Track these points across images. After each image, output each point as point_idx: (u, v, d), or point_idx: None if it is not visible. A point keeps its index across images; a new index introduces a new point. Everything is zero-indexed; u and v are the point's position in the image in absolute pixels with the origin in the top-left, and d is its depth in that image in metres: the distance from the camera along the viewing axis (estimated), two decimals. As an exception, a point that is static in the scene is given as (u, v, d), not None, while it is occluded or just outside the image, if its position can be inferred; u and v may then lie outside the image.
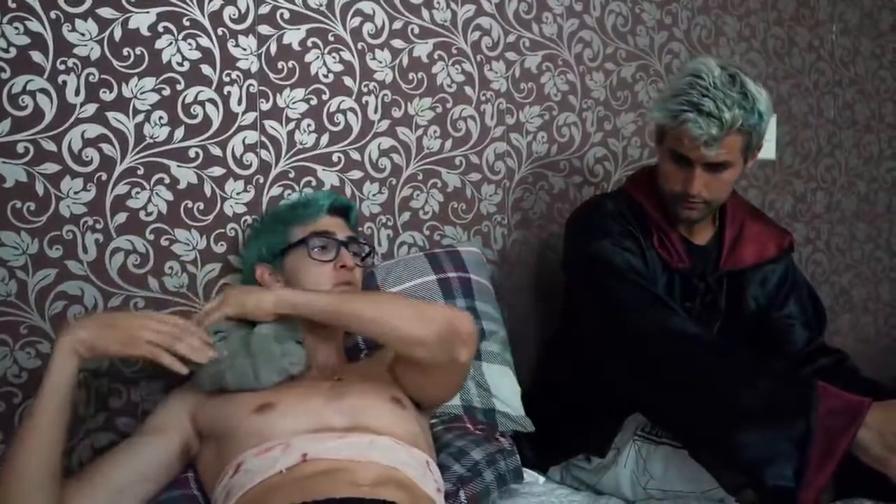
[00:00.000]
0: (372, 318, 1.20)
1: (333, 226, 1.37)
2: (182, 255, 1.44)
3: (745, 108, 1.37)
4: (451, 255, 1.62)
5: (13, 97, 1.29)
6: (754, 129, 1.40)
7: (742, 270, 1.56)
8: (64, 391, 1.09)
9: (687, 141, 1.39)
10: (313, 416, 1.15)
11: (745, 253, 1.56)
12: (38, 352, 1.33)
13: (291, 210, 1.39)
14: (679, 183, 1.45)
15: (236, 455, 1.12)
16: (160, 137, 1.41)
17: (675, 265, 1.52)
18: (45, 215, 1.33)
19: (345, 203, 1.43)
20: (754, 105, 1.38)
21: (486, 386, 1.48)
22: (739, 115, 1.36)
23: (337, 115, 1.58)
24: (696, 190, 1.42)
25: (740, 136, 1.39)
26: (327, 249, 1.33)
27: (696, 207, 1.47)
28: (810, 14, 2.30)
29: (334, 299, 1.23)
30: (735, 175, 1.45)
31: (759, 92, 1.40)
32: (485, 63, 1.75)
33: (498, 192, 1.79)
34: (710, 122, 1.36)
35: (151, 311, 1.38)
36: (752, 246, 1.57)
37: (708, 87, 1.37)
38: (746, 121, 1.38)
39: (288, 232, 1.36)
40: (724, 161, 1.41)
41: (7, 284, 1.30)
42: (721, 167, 1.42)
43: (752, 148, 1.44)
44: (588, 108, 1.91)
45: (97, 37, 1.35)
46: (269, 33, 1.50)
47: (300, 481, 1.05)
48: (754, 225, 1.60)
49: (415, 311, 1.19)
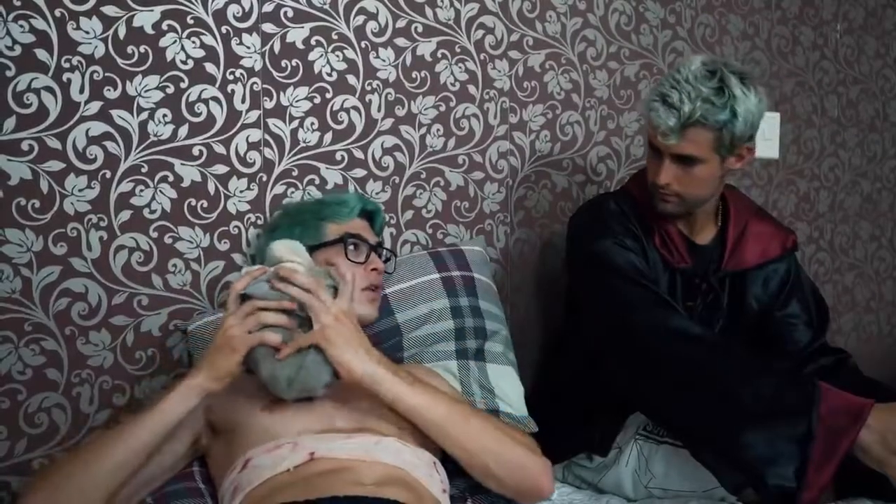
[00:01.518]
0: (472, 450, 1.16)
1: (363, 229, 1.39)
2: (186, 252, 1.44)
3: (713, 104, 1.36)
4: (454, 253, 1.62)
5: (18, 95, 1.29)
6: (724, 127, 1.38)
7: (744, 270, 1.55)
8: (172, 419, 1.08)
9: (651, 129, 1.43)
10: (321, 416, 1.16)
11: (748, 252, 1.55)
12: (43, 348, 1.33)
13: (324, 206, 1.40)
14: (652, 173, 1.47)
15: (245, 451, 1.13)
16: (164, 135, 1.41)
17: (676, 264, 1.52)
18: (50, 213, 1.33)
19: (374, 207, 1.46)
20: (728, 102, 1.36)
21: (490, 387, 1.48)
22: (701, 108, 1.35)
23: (340, 114, 1.59)
24: (663, 180, 1.43)
25: (706, 131, 1.38)
26: (360, 251, 1.35)
27: (669, 200, 1.47)
28: (814, 13, 2.29)
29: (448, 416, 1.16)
30: (710, 172, 1.43)
31: (744, 92, 1.38)
32: (488, 61, 1.75)
33: (501, 191, 1.80)
34: (670, 113, 1.37)
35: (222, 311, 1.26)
36: (756, 245, 1.56)
37: (679, 79, 1.38)
38: (711, 116, 1.36)
39: (321, 228, 1.36)
40: (692, 155, 1.40)
41: (11, 281, 1.31)
42: (690, 161, 1.41)
43: (725, 146, 1.40)
44: (591, 106, 1.91)
45: (101, 35, 1.35)
46: (272, 31, 1.50)
47: (306, 480, 1.06)
48: (758, 224, 1.59)
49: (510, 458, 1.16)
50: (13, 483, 1.32)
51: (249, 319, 1.09)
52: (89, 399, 1.37)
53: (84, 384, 1.37)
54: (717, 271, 1.55)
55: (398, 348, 1.44)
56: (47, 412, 1.35)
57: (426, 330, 1.48)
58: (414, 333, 1.47)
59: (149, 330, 1.42)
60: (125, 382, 1.40)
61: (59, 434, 1.36)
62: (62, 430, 1.36)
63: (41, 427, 1.34)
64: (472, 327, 1.52)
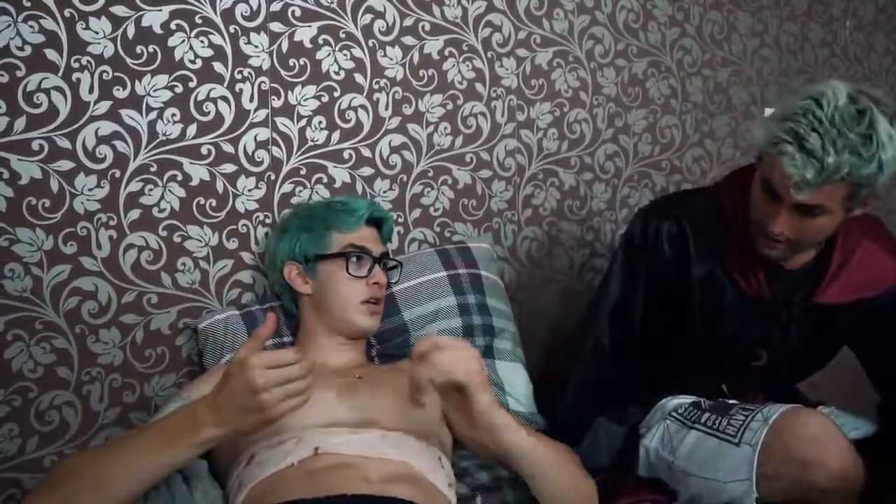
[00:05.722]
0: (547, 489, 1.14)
1: (370, 238, 1.38)
2: (194, 251, 1.45)
3: (861, 156, 1.14)
4: (461, 251, 1.62)
5: (28, 95, 1.30)
6: (865, 181, 1.17)
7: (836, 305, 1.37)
8: (180, 464, 1.03)
9: (777, 175, 1.20)
10: (326, 410, 1.17)
11: (845, 286, 1.36)
12: (53, 347, 1.34)
13: (332, 213, 1.38)
14: (763, 214, 1.27)
15: (249, 446, 1.14)
16: (173, 134, 1.42)
17: (744, 289, 1.37)
18: (60, 212, 1.34)
19: (382, 215, 1.44)
20: (876, 153, 1.15)
21: (500, 383, 1.48)
22: (848, 162, 1.14)
23: (348, 112, 1.59)
24: (779, 229, 1.24)
25: (844, 186, 1.17)
26: (362, 265, 1.35)
27: (777, 248, 1.29)
28: (824, 10, 2.28)
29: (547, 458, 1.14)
30: (832, 223, 1.24)
31: (890, 136, 1.15)
32: (496, 59, 1.75)
33: (508, 189, 1.80)
34: (809, 163, 1.15)
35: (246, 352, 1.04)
36: (857, 277, 1.36)
37: (822, 118, 1.15)
38: (857, 171, 1.14)
39: (327, 237, 1.36)
40: (819, 205, 1.20)
41: (22, 280, 1.32)
42: (814, 211, 1.22)
43: (857, 199, 1.21)
44: (599, 104, 1.90)
45: (111, 35, 1.36)
46: (280, 30, 1.51)
47: (311, 475, 1.06)
48: (868, 249, 1.37)
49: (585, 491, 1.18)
50: (24, 480, 1.33)
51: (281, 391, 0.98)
52: (99, 397, 1.38)
53: (94, 382, 1.38)
54: (805, 300, 1.37)
55: (405, 347, 1.45)
56: (58, 410, 1.36)
57: (434, 328, 1.48)
58: (421, 332, 1.48)
59: (158, 328, 1.42)
60: (135, 380, 1.41)
61: (70, 432, 1.37)
62: (73, 427, 1.37)
63: (52, 425, 1.35)
64: (479, 325, 1.53)
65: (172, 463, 1.02)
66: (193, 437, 1.00)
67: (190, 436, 1.00)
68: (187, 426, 1.01)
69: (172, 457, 1.01)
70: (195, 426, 1.00)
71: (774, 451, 1.28)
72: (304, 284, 1.36)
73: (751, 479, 1.31)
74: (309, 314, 1.37)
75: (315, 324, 1.36)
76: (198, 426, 1.00)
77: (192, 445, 1.00)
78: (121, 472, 1.00)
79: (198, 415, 1.00)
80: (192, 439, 1.00)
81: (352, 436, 1.12)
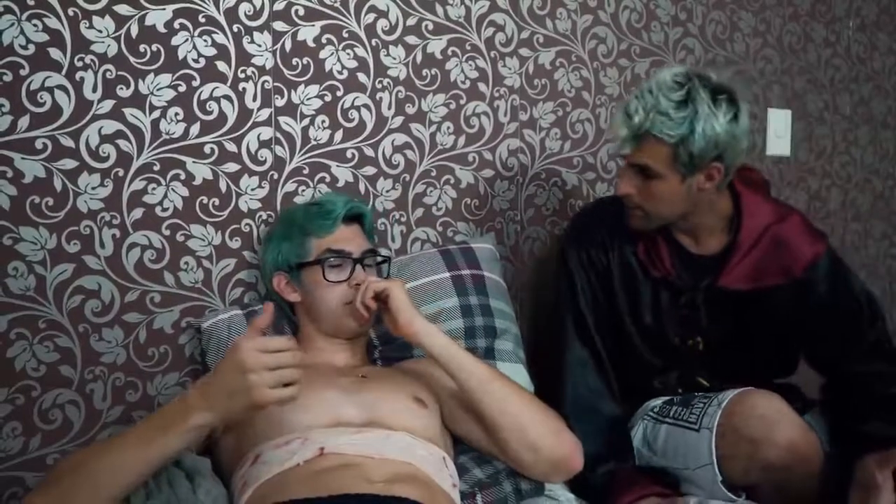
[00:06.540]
0: (512, 411, 1.22)
1: (349, 238, 1.37)
2: (197, 250, 1.45)
3: (670, 117, 1.30)
4: (464, 251, 1.62)
5: (31, 93, 1.30)
6: (681, 143, 1.30)
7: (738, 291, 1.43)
8: (171, 454, 1.03)
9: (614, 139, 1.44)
10: (331, 409, 1.17)
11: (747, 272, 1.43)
12: (57, 345, 1.34)
13: (308, 218, 1.37)
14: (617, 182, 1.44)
15: (255, 445, 1.14)
16: (176, 134, 1.42)
17: (652, 273, 1.47)
18: (63, 211, 1.34)
19: (360, 211, 1.42)
20: (689, 119, 1.29)
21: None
22: (655, 120, 1.30)
23: (351, 112, 1.59)
24: (622, 189, 1.40)
25: (662, 145, 1.32)
26: (342, 269, 1.34)
27: (634, 215, 1.43)
28: (826, 9, 2.28)
29: (487, 372, 1.25)
30: (670, 190, 1.36)
31: (712, 109, 1.30)
32: (498, 59, 1.75)
33: (511, 189, 1.80)
34: (623, 122, 1.35)
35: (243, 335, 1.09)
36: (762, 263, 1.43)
37: (644, 89, 1.34)
38: (663, 129, 1.30)
39: (305, 244, 1.36)
40: (648, 166, 1.34)
41: (26, 279, 1.32)
42: (647, 173, 1.36)
43: (683, 163, 1.32)
44: (602, 104, 1.90)
45: (114, 34, 1.36)
46: (283, 30, 1.51)
47: (316, 475, 1.07)
48: (775, 236, 1.43)
49: (548, 422, 1.24)
50: (27, 479, 1.33)
51: (272, 375, 0.98)
52: (102, 395, 1.38)
53: (97, 381, 1.38)
54: (711, 285, 1.45)
55: (407, 347, 1.44)
56: (61, 408, 1.36)
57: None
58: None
59: (161, 327, 1.43)
60: (138, 379, 1.41)
61: (73, 430, 1.37)
62: (76, 426, 1.37)
63: (55, 423, 1.35)
64: (481, 326, 1.53)
65: (164, 452, 1.01)
66: (183, 423, 0.99)
67: (180, 423, 0.99)
68: (178, 414, 1.01)
69: (164, 445, 1.00)
70: (185, 413, 1.00)
71: (727, 433, 1.34)
72: (293, 293, 1.37)
73: (713, 463, 1.34)
74: (304, 320, 1.38)
75: (311, 328, 1.37)
76: (187, 412, 1.00)
77: (181, 432, 1.00)
78: (115, 465, 1.00)
79: (188, 401, 1.01)
80: (182, 426, 0.99)
81: (356, 436, 1.12)
